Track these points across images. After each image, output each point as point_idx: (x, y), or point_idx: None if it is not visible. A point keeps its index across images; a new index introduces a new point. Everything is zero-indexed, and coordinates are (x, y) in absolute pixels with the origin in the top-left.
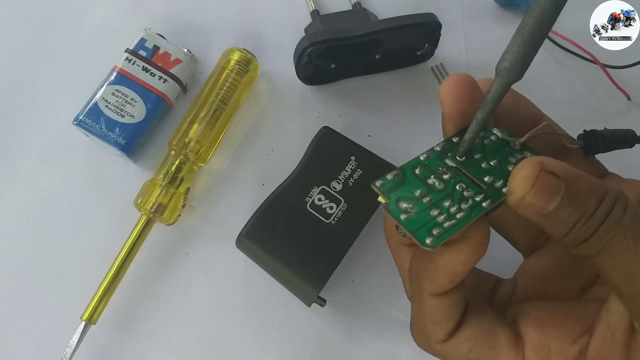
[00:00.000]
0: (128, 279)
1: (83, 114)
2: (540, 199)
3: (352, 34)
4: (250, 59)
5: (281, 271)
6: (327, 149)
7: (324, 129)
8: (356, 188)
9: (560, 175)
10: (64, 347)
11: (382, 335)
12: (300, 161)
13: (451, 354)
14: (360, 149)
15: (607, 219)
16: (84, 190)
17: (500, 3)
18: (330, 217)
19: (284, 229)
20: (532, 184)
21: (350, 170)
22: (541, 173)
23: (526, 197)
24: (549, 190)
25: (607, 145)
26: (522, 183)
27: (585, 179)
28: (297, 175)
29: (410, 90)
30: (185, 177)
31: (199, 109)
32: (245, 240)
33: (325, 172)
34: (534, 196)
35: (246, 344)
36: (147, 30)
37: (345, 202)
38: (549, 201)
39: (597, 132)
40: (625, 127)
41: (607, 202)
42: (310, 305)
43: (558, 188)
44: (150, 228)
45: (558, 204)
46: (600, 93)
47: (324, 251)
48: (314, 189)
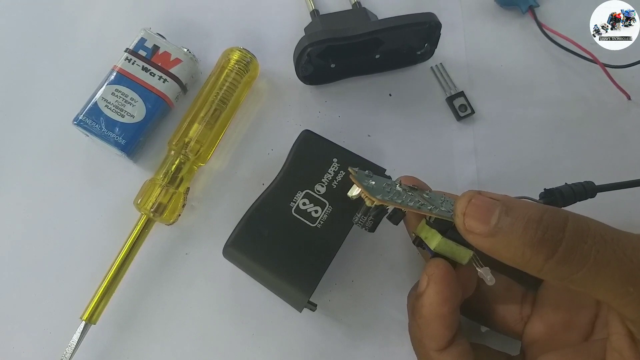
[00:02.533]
0: (128, 279)
1: (83, 113)
2: (481, 214)
3: (352, 34)
4: (250, 59)
5: (270, 279)
6: (309, 153)
7: (305, 132)
8: (340, 190)
9: (495, 198)
10: (64, 347)
11: (382, 335)
12: (283, 166)
13: None
14: (342, 151)
15: (569, 226)
16: (84, 190)
17: (500, 3)
18: (316, 221)
19: (270, 236)
20: (468, 201)
21: (333, 173)
22: (475, 196)
23: (466, 213)
24: (485, 207)
25: (566, 200)
26: (461, 201)
27: (521, 201)
28: (280, 181)
29: (410, 90)
30: (185, 177)
31: (198, 109)
32: (232, 249)
33: (308, 176)
34: (474, 212)
35: (246, 344)
36: (147, 30)
37: (330, 205)
38: (489, 215)
39: (555, 190)
40: (624, 128)
41: (551, 211)
42: (301, 310)
43: (494, 204)
44: (150, 228)
45: (497, 218)
46: (600, 93)
47: (311, 256)
48: (298, 193)
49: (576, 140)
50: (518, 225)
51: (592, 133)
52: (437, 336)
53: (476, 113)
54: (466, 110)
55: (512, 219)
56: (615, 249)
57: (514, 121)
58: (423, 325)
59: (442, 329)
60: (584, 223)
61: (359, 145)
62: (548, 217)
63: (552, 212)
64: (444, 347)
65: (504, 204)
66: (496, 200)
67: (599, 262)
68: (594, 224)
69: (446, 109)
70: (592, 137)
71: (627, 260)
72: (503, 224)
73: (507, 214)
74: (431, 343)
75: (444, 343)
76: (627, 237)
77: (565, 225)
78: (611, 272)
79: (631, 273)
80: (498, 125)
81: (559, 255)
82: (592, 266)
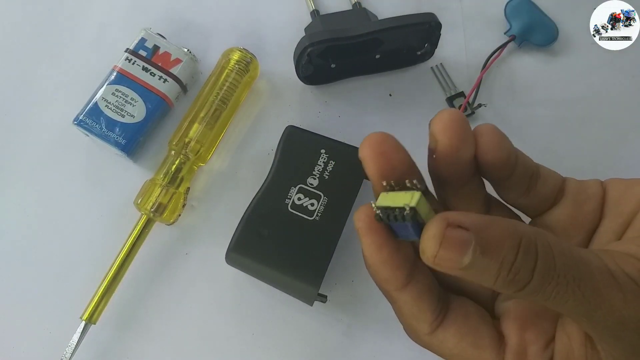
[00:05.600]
0: (128, 279)
1: (83, 113)
2: (453, 255)
3: (352, 34)
4: (250, 59)
5: (276, 277)
6: (296, 148)
7: (289, 127)
8: (333, 180)
9: (468, 228)
10: (64, 347)
11: (382, 335)
12: (272, 165)
13: (438, 347)
14: (328, 141)
15: (538, 268)
16: (84, 190)
17: None
18: (314, 213)
19: (270, 236)
20: (439, 243)
21: (323, 164)
22: (447, 229)
23: (437, 255)
24: (458, 245)
25: None
26: (430, 243)
27: (496, 226)
28: (272, 180)
29: (410, 90)
30: (185, 177)
31: (199, 109)
32: (234, 254)
33: (299, 171)
34: (445, 253)
35: (246, 344)
36: (147, 30)
37: (325, 196)
38: (462, 256)
39: None
40: (625, 128)
41: (524, 248)
42: (312, 304)
43: (468, 241)
44: (150, 228)
45: (472, 257)
46: (601, 92)
47: (314, 248)
48: (291, 189)
49: (577, 140)
50: (492, 267)
51: (594, 132)
52: (390, 279)
53: (476, 113)
54: (466, 111)
55: (487, 259)
56: (574, 289)
57: (514, 121)
58: (372, 273)
59: (390, 271)
60: (551, 262)
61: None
62: (521, 259)
63: (524, 252)
64: (402, 287)
65: (478, 241)
66: (469, 231)
67: (558, 301)
68: (561, 261)
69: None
70: (594, 136)
71: (586, 301)
72: (476, 264)
73: (482, 253)
74: (387, 285)
75: (400, 283)
76: (588, 266)
77: (535, 267)
78: (571, 307)
79: (589, 313)
80: (498, 125)
81: (524, 292)
82: (552, 302)
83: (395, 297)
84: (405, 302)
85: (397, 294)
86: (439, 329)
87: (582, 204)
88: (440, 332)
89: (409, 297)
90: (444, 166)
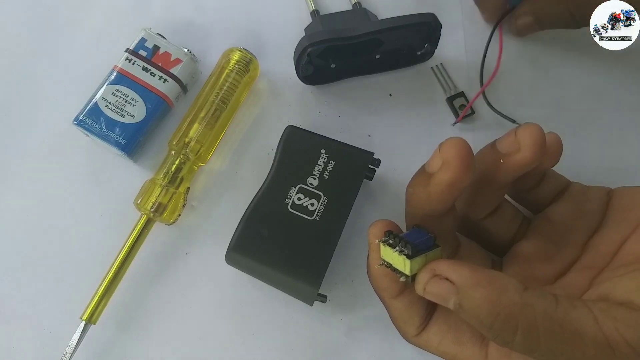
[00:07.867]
0: (128, 279)
1: (83, 113)
2: (436, 299)
3: (352, 34)
4: (250, 59)
5: (277, 277)
6: (296, 147)
7: (289, 127)
8: (333, 180)
9: (454, 282)
10: (64, 347)
11: (382, 335)
12: (272, 165)
13: (425, 346)
14: (329, 141)
15: (517, 340)
16: (84, 190)
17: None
18: (314, 213)
19: (271, 236)
20: (423, 290)
21: (323, 164)
22: (430, 281)
23: (425, 294)
24: (439, 296)
25: None
26: (418, 287)
27: (481, 289)
28: (272, 179)
29: (410, 90)
30: (185, 176)
31: (199, 109)
32: (234, 254)
33: (299, 171)
34: (430, 297)
35: (246, 344)
36: (147, 30)
37: (325, 196)
38: (446, 303)
39: None
40: (625, 128)
41: (503, 317)
42: (312, 304)
43: (446, 296)
44: (150, 228)
45: (453, 307)
46: (601, 92)
47: (314, 248)
48: (291, 189)
49: (577, 141)
50: (472, 322)
51: (594, 132)
52: (387, 288)
53: (476, 113)
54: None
55: (466, 315)
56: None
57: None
58: (372, 280)
59: (388, 282)
60: (534, 337)
61: (359, 145)
62: (498, 327)
63: (503, 321)
64: (396, 295)
65: (459, 298)
66: (454, 285)
67: None
68: (547, 337)
69: (446, 109)
70: (594, 136)
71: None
72: (459, 311)
73: (460, 307)
74: (384, 292)
75: (395, 292)
76: (581, 339)
77: (516, 332)
78: None
79: None
80: (498, 125)
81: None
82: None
83: (389, 303)
84: (397, 308)
85: (391, 300)
86: (423, 331)
87: (582, 203)
88: (424, 334)
89: (401, 305)
90: (449, 198)
